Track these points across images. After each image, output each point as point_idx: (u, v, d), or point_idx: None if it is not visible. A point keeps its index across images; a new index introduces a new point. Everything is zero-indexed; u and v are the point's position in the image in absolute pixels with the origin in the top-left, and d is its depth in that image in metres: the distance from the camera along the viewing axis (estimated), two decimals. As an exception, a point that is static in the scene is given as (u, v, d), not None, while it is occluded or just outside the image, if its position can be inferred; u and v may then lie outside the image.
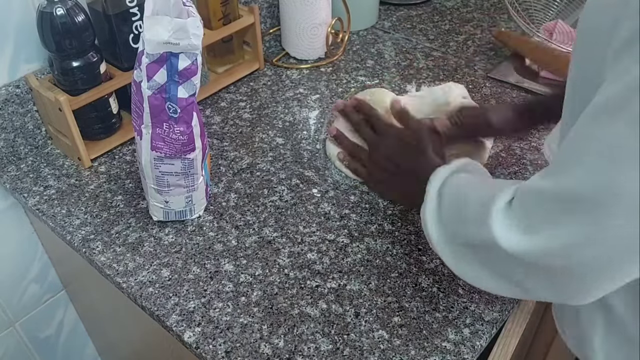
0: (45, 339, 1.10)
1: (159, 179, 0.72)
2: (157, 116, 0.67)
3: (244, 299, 0.68)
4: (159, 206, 0.75)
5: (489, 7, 1.25)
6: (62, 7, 0.75)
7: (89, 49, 0.80)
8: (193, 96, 0.67)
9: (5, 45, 0.82)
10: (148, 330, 0.77)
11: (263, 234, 0.76)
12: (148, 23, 0.62)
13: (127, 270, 0.71)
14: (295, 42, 1.07)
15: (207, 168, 0.78)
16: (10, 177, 0.85)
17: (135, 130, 0.70)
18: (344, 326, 0.65)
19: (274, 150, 0.89)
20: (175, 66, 0.64)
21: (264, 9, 1.13)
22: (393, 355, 0.62)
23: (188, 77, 0.65)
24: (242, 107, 0.98)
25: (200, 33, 0.63)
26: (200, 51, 0.65)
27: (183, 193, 0.74)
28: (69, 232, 0.77)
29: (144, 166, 0.71)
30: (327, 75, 1.05)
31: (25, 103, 0.86)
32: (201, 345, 0.63)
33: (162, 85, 0.65)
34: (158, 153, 0.69)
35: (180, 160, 0.70)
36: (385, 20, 1.21)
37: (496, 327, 0.66)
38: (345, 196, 0.81)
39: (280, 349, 0.63)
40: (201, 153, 0.72)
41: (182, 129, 0.68)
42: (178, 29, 0.62)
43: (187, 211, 0.76)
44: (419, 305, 0.67)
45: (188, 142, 0.69)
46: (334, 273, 0.70)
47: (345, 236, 0.75)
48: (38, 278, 1.02)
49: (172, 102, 0.66)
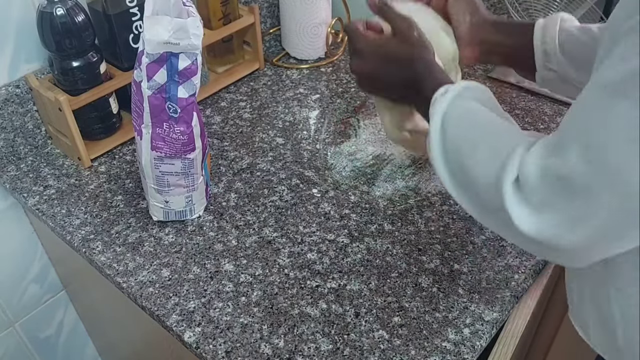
0: (45, 339, 1.10)
1: (159, 178, 0.72)
2: (157, 116, 0.67)
3: (244, 299, 0.68)
4: (159, 206, 0.75)
5: (489, 7, 1.25)
6: (62, 7, 0.75)
7: (89, 49, 0.80)
8: (193, 96, 0.67)
9: (5, 45, 0.82)
10: (148, 330, 0.77)
11: (263, 234, 0.76)
12: (148, 23, 0.62)
13: (127, 270, 0.71)
14: (295, 42, 1.07)
15: (207, 168, 0.78)
16: (10, 177, 0.85)
17: (136, 130, 0.70)
18: (344, 326, 0.65)
19: (274, 150, 0.89)
20: (176, 66, 0.64)
21: (264, 8, 1.13)
22: (393, 355, 0.62)
23: (188, 77, 0.65)
24: (242, 107, 0.98)
25: (200, 33, 0.63)
26: (200, 51, 0.65)
27: (183, 193, 0.74)
28: (69, 232, 0.77)
29: (144, 166, 0.71)
30: (327, 75, 1.05)
31: (25, 103, 0.86)
32: (201, 345, 0.63)
33: (162, 85, 0.65)
34: (158, 153, 0.69)
35: (181, 160, 0.70)
36: (385, 20, 1.21)
37: (496, 327, 0.66)
38: (345, 196, 0.81)
39: (280, 349, 0.63)
40: (201, 153, 0.72)
41: (182, 129, 0.68)
42: (178, 29, 0.62)
43: (187, 211, 0.76)
44: (419, 305, 0.67)
45: (188, 142, 0.69)
46: (334, 273, 0.70)
47: (345, 236, 0.75)
48: (38, 278, 1.02)
49: (172, 102, 0.66)
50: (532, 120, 0.93)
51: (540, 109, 0.96)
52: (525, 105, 0.97)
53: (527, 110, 0.95)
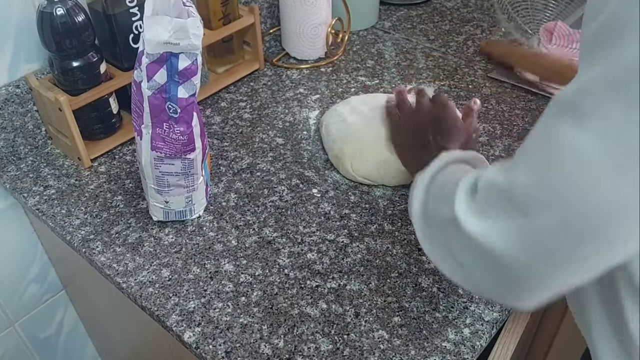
0: (45, 339, 1.10)
1: (159, 179, 0.72)
2: (157, 116, 0.67)
3: (244, 299, 0.68)
4: (159, 206, 0.75)
5: (489, 7, 1.25)
6: (62, 7, 0.75)
7: (89, 49, 0.80)
8: (193, 96, 0.67)
9: (5, 45, 0.82)
10: (148, 330, 0.77)
11: (263, 234, 0.76)
12: (148, 23, 0.62)
13: (127, 270, 0.71)
14: (295, 42, 1.07)
15: (207, 168, 0.78)
16: (10, 177, 0.85)
17: (136, 130, 0.70)
18: (344, 326, 0.65)
19: (274, 150, 0.89)
20: (176, 66, 0.64)
21: (264, 9, 1.13)
22: (393, 355, 0.62)
23: (188, 77, 0.65)
24: (242, 107, 0.98)
25: (200, 33, 0.63)
26: (200, 51, 0.65)
27: (183, 193, 0.73)
28: (69, 232, 0.77)
29: (144, 166, 0.71)
30: (327, 75, 1.05)
31: (25, 103, 0.86)
32: (201, 345, 0.63)
33: (162, 85, 0.65)
34: (158, 153, 0.69)
35: (181, 160, 0.70)
36: (386, 20, 1.21)
37: (496, 327, 0.66)
38: (345, 196, 0.81)
39: (280, 349, 0.63)
40: (201, 153, 0.72)
41: (182, 129, 0.68)
42: (178, 29, 0.62)
43: (187, 211, 0.76)
44: (419, 305, 0.67)
45: (188, 142, 0.69)
46: (334, 273, 0.70)
47: (345, 236, 0.75)
48: (38, 278, 1.02)
49: (172, 102, 0.66)
50: (532, 120, 0.93)
51: (540, 109, 0.95)
52: (525, 105, 0.97)
53: (527, 110, 0.95)
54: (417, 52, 1.10)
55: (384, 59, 1.09)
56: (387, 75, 1.04)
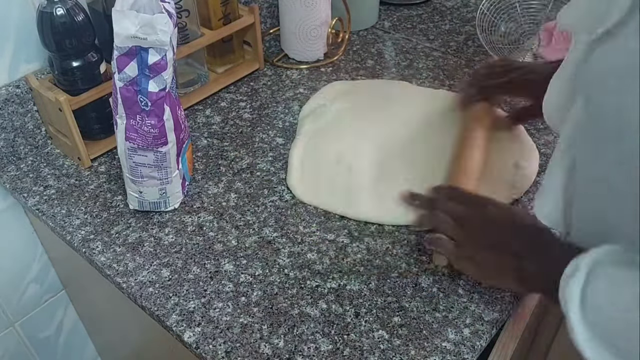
0: (45, 339, 1.10)
1: (133, 169, 0.73)
2: (130, 108, 0.69)
3: (244, 299, 0.68)
4: (134, 195, 0.76)
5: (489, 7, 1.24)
6: (62, 7, 0.75)
7: (89, 49, 0.80)
8: (163, 90, 0.68)
9: (5, 45, 0.82)
10: (148, 330, 0.77)
11: (263, 234, 0.76)
12: (116, 17, 0.64)
13: (127, 270, 0.71)
14: (294, 44, 1.07)
15: (187, 162, 0.78)
16: (10, 177, 0.85)
17: (114, 120, 0.72)
18: (344, 326, 0.65)
19: (274, 150, 0.89)
20: (146, 60, 0.66)
21: (264, 9, 1.13)
22: (393, 355, 0.62)
23: (158, 71, 0.67)
24: (242, 107, 0.98)
25: (168, 29, 0.65)
26: (169, 47, 0.66)
27: (157, 185, 0.74)
28: (69, 232, 0.77)
29: (120, 155, 0.73)
30: (327, 75, 1.05)
31: (25, 103, 0.86)
32: (201, 345, 0.63)
33: (134, 78, 0.67)
34: (131, 143, 0.71)
35: (153, 152, 0.72)
36: (386, 20, 1.21)
37: (496, 327, 0.66)
38: (345, 196, 0.81)
39: (280, 349, 0.63)
40: (175, 147, 0.73)
41: (153, 122, 0.69)
42: (145, 24, 0.64)
43: (162, 203, 0.77)
44: (419, 305, 0.67)
45: (159, 135, 0.70)
46: (334, 273, 0.70)
47: (345, 236, 0.75)
48: (38, 278, 1.02)
49: (143, 95, 0.68)
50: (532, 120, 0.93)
51: (540, 109, 0.95)
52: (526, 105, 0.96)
53: (527, 111, 0.95)
54: (417, 52, 1.10)
55: (384, 58, 1.09)
56: (387, 75, 1.04)
